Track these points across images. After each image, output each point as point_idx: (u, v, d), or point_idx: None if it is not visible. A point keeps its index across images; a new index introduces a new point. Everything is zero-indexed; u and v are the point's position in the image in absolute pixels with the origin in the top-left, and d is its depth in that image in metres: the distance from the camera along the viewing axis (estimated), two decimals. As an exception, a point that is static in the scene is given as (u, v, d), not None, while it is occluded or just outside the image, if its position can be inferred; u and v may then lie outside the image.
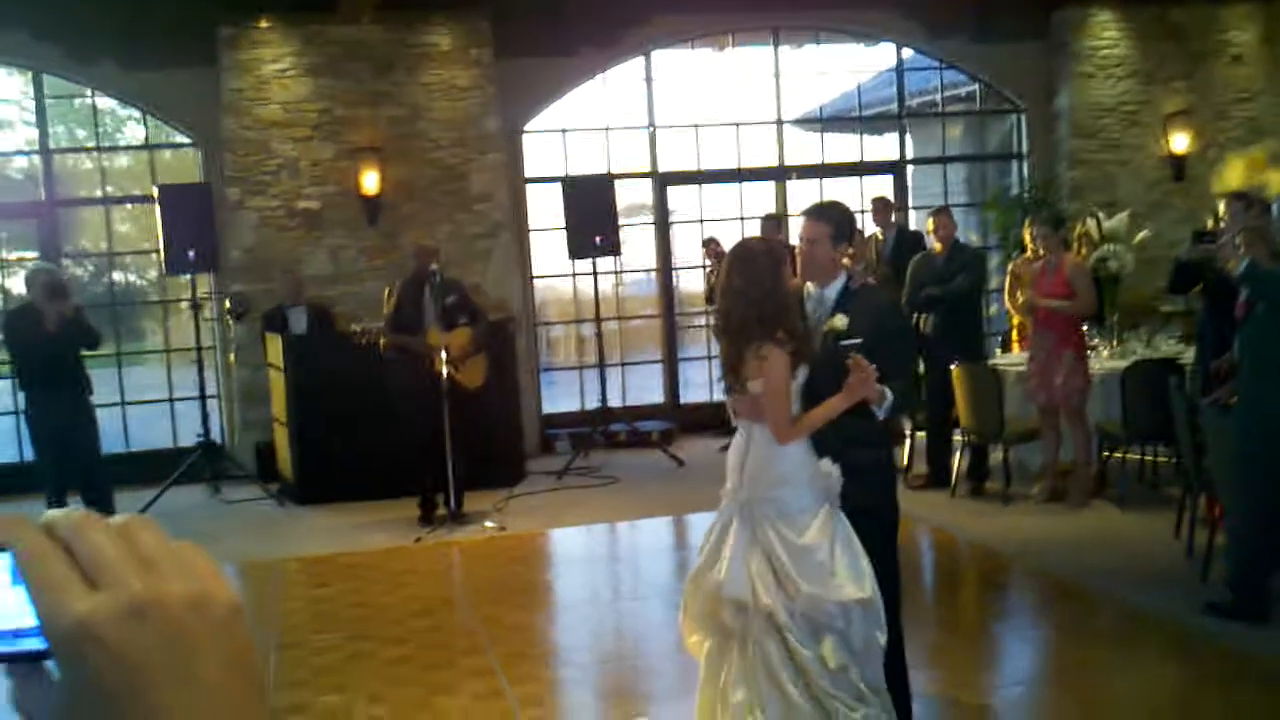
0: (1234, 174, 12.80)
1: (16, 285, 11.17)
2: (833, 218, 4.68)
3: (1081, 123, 12.67)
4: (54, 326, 8.03)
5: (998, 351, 10.60)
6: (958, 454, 9.13)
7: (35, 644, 0.68)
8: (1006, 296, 9.56)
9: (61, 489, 8.54)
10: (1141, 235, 9.97)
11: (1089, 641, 6.22)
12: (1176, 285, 8.41)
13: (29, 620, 0.68)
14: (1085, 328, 8.79)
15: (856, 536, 4.30)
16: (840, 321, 4.45)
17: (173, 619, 0.69)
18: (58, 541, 0.69)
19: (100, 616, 0.67)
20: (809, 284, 4.63)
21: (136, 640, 0.67)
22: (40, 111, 11.52)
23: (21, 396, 8.71)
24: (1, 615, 0.69)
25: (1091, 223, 9.65)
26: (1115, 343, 9.23)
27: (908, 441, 9.83)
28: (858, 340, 4.34)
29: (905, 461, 9.69)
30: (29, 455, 9.13)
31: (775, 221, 11.37)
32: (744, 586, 4.28)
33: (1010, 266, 9.71)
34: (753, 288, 4.28)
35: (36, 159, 11.71)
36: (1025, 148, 13.16)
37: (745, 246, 4.56)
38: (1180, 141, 12.72)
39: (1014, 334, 10.31)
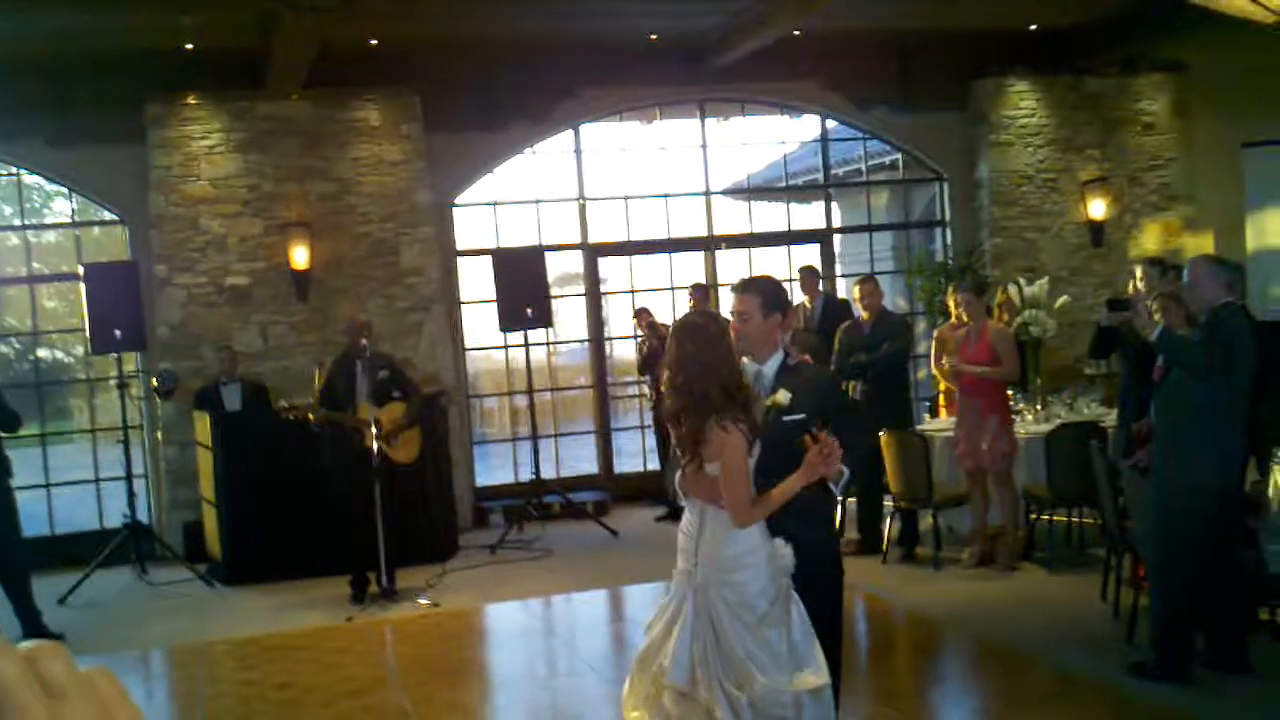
0: (1150, 239, 13.14)
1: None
2: (761, 289, 4.63)
3: (1001, 190, 12.97)
4: None
5: (926, 417, 10.72)
6: (888, 520, 9.21)
7: None
8: (932, 362, 9.70)
9: None
10: (1062, 300, 10.18)
11: (1021, 704, 6.27)
12: (1096, 350, 8.57)
13: None
14: (1010, 393, 8.94)
15: (808, 616, 4.24)
16: (783, 397, 4.38)
17: None
18: None
19: None
20: (744, 359, 4.54)
21: None
22: (-37, 190, 11.40)
23: None
24: None
25: (1013, 289, 9.83)
26: (1039, 407, 9.38)
27: (839, 509, 9.89)
28: (801, 416, 4.30)
29: (837, 528, 9.75)
30: None
31: (704, 290, 11.50)
32: (686, 674, 4.19)
33: (935, 332, 9.87)
34: (707, 355, 4.21)
35: (-41, 238, 11.56)
36: (948, 215, 13.42)
37: (690, 319, 4.51)
38: (1098, 208, 13.04)
39: (941, 400, 10.45)
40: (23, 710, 0.69)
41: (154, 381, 10.39)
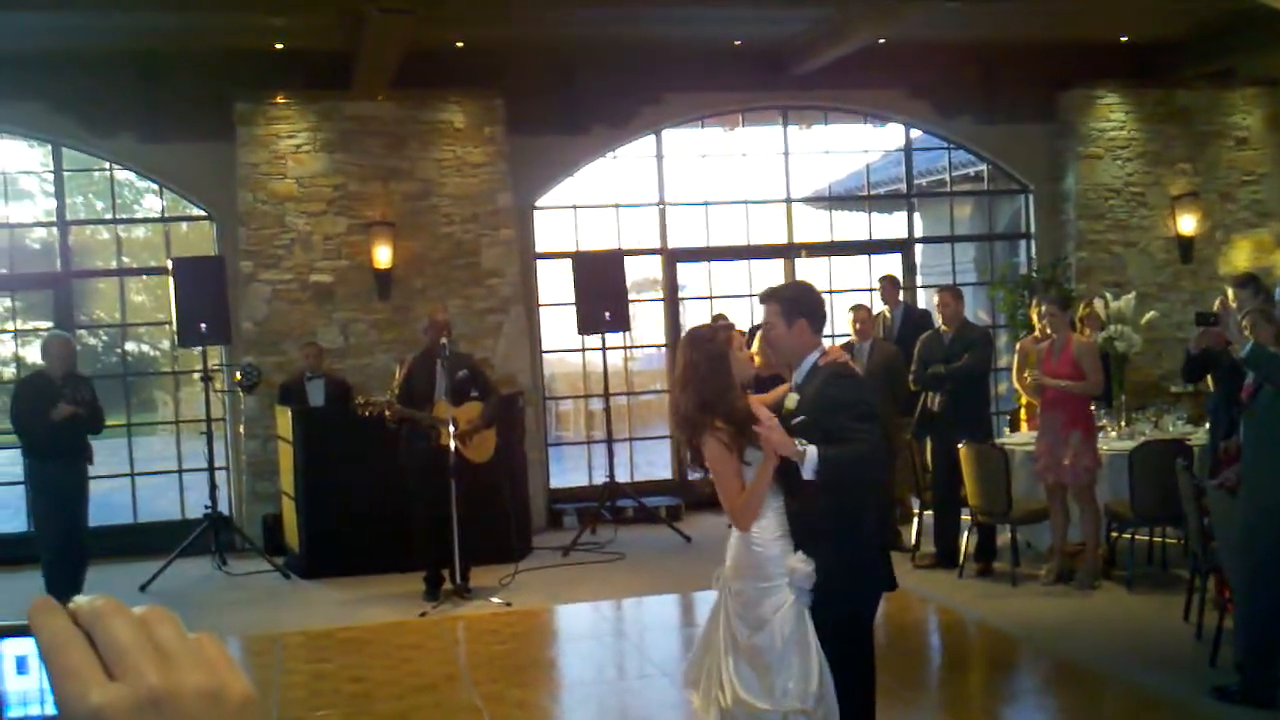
0: (1241, 256, 12.86)
1: (31, 354, 11.25)
2: (780, 297, 4.67)
3: (1089, 204, 12.77)
4: (66, 417, 8.25)
5: (1005, 431, 10.58)
6: (965, 534, 9.10)
7: None
8: (1014, 375, 9.58)
9: (61, 559, 8.63)
10: (1149, 316, 10.00)
11: (1097, 725, 6.16)
12: (1190, 374, 8.43)
13: (50, 708, 0.70)
14: (1093, 408, 8.79)
15: (816, 638, 4.23)
16: (791, 401, 4.48)
17: (188, 711, 0.70)
18: (80, 629, 0.71)
19: (117, 707, 0.69)
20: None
21: None
22: (58, 183, 11.67)
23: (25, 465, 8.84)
24: (22, 700, 0.71)
25: (1098, 303, 9.67)
26: (1123, 424, 9.22)
27: (915, 521, 9.81)
28: (803, 418, 4.35)
29: (913, 541, 9.66)
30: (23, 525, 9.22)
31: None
32: (691, 681, 4.43)
33: (1018, 345, 9.73)
34: (700, 368, 4.38)
35: (54, 230, 11.85)
36: (1033, 228, 13.24)
37: (696, 330, 4.69)
38: (1188, 223, 12.79)
39: (1022, 414, 10.30)
40: (137, 670, 0.70)
41: (237, 376, 10.55)
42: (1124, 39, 12.49)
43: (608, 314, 10.81)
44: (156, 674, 0.70)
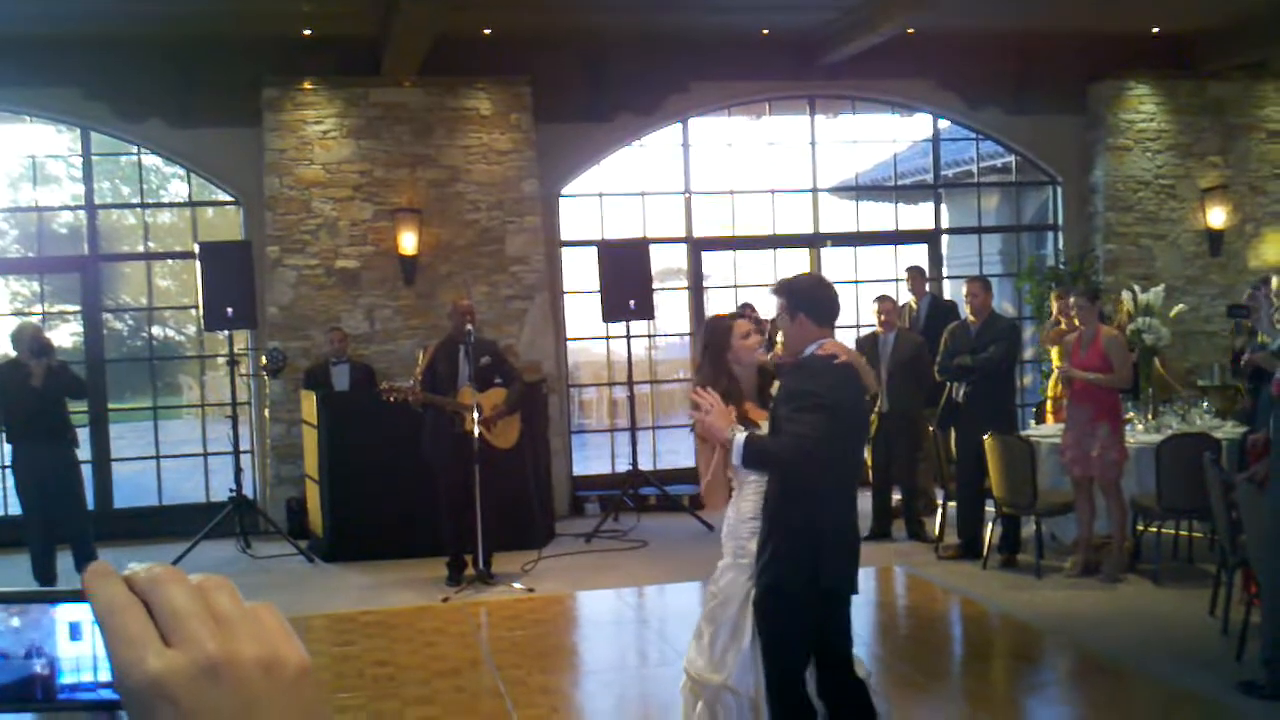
0: (1271, 250, 12.76)
1: (58, 338, 11.34)
2: (784, 290, 4.75)
3: (1117, 196, 12.68)
4: (39, 381, 8.39)
5: (1031, 423, 10.53)
6: (990, 525, 9.06)
7: (108, 696, 0.70)
8: (1044, 339, 9.51)
9: (48, 541, 8.74)
10: (1178, 309, 9.93)
11: (1122, 718, 6.12)
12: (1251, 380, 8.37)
13: (104, 674, 0.70)
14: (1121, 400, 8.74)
15: (750, 624, 4.47)
16: (775, 391, 4.67)
17: (245, 679, 0.70)
18: (137, 595, 0.71)
19: (174, 674, 0.68)
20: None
21: (208, 699, 0.69)
22: (87, 167, 11.72)
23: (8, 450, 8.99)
24: (75, 667, 0.71)
25: (1126, 296, 9.61)
26: (1150, 416, 9.16)
27: (939, 512, 9.78)
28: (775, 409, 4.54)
29: (937, 532, 9.64)
30: (16, 509, 9.28)
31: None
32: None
33: (1042, 335, 9.68)
34: (703, 354, 4.78)
35: (82, 214, 11.91)
36: (1061, 219, 13.17)
37: (711, 319, 5.04)
38: (1217, 216, 12.69)
39: (1048, 405, 10.25)
40: (195, 637, 0.70)
41: (263, 360, 10.59)
42: (1155, 30, 12.38)
43: (632, 302, 10.81)
44: (214, 642, 0.70)
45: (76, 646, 0.72)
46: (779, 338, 5.17)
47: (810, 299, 4.65)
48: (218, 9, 10.41)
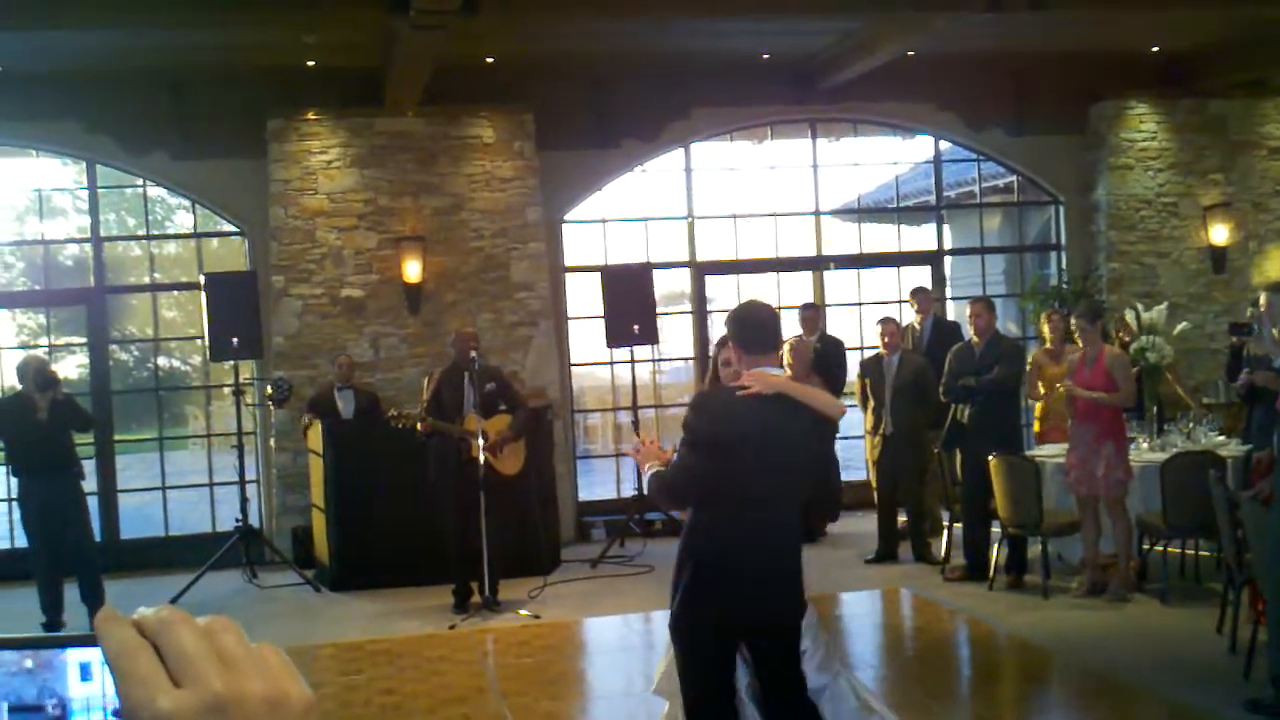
0: (1274, 266, 12.76)
1: (63, 370, 11.38)
2: (726, 319, 4.74)
3: (1120, 215, 12.70)
4: (45, 414, 8.43)
5: (1035, 444, 10.52)
6: (996, 546, 9.04)
7: None
8: (1029, 388, 9.56)
9: (55, 573, 8.76)
10: (1181, 327, 9.93)
11: (1130, 739, 6.10)
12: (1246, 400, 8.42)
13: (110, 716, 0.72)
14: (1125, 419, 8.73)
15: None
16: None
17: (251, 716, 0.73)
18: (146, 638, 0.73)
19: (183, 713, 0.71)
20: None
21: None
22: (92, 200, 11.79)
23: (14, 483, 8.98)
24: (85, 707, 0.73)
25: (1130, 314, 9.62)
26: (1155, 435, 9.16)
27: (945, 533, 9.76)
28: None
29: (943, 553, 9.62)
30: (22, 541, 9.32)
31: (814, 310, 11.42)
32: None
33: (1032, 357, 9.69)
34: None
35: (87, 246, 11.96)
36: (1064, 239, 13.19)
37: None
38: (1220, 233, 12.70)
39: (1036, 426, 10.26)
40: (202, 677, 0.72)
41: (268, 390, 10.62)
42: (1155, 49, 12.42)
43: (636, 327, 10.83)
44: (221, 681, 0.72)
45: (87, 687, 0.74)
46: (785, 359, 5.32)
47: (738, 327, 4.57)
48: (221, 42, 10.48)
